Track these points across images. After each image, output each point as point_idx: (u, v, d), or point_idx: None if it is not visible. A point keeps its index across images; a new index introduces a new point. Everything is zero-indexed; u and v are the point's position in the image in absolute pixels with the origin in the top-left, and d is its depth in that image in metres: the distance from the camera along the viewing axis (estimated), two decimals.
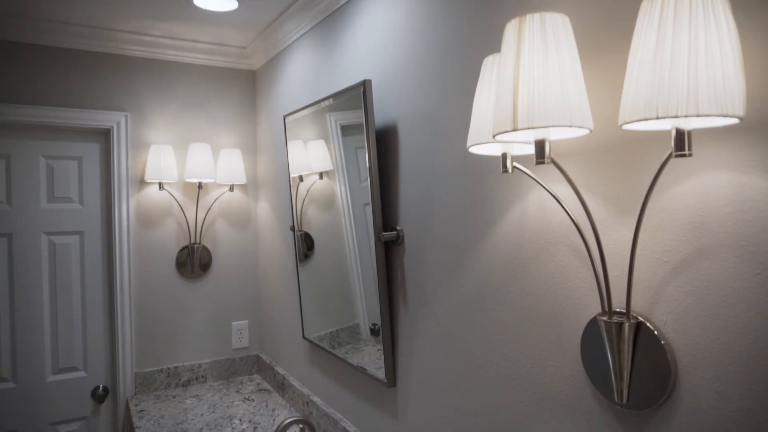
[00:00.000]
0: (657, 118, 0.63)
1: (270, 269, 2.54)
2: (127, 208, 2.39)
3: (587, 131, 0.77)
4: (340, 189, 1.77)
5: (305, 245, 2.07)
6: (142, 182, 2.42)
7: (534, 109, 0.70)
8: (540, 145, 0.77)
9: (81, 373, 2.37)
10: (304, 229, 2.08)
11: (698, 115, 0.60)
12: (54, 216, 2.32)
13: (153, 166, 2.34)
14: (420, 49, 1.39)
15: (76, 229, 2.36)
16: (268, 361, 2.54)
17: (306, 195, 2.05)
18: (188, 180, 2.40)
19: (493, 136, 0.77)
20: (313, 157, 1.93)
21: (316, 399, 2.05)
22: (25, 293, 2.26)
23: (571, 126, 0.70)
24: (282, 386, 2.36)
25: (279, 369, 2.41)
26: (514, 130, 0.71)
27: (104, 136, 2.41)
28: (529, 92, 0.71)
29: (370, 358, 1.64)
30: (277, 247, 2.43)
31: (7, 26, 2.14)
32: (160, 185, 2.42)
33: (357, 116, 1.56)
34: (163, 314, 2.49)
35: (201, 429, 2.04)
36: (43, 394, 2.29)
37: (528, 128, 0.70)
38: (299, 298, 2.12)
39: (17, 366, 2.25)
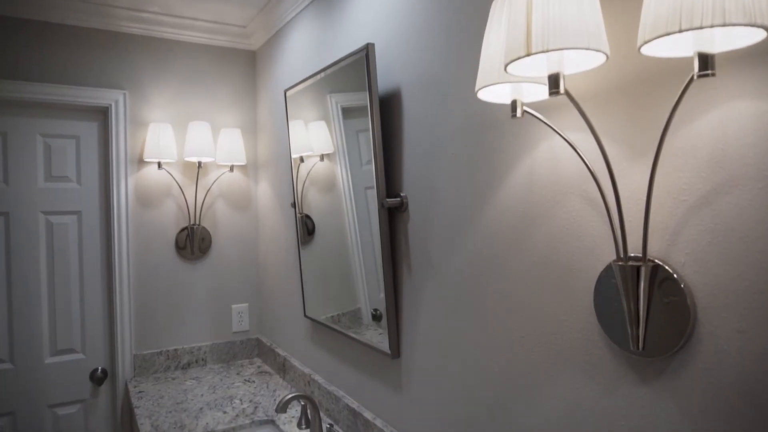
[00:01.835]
0: (680, 31, 0.60)
1: (270, 252, 2.51)
2: (125, 187, 2.35)
3: (603, 58, 0.74)
4: (341, 172, 1.74)
5: (306, 228, 2.04)
6: (141, 161, 2.39)
7: (549, 31, 0.67)
8: (554, 78, 0.74)
9: (79, 355, 2.34)
10: (305, 211, 2.05)
11: (724, 25, 0.57)
12: (51, 195, 2.29)
13: (152, 144, 2.30)
14: (424, 9, 1.35)
15: (73, 209, 2.33)
16: (268, 344, 2.51)
17: (307, 177, 2.02)
18: (188, 159, 2.36)
19: (505, 67, 0.74)
20: (314, 139, 1.90)
21: (317, 378, 2.02)
22: (22, 273, 2.23)
23: (587, 48, 0.66)
24: (283, 368, 2.33)
25: (280, 351, 2.38)
26: (528, 54, 0.68)
27: (102, 114, 2.38)
28: (544, 14, 0.68)
29: (372, 341, 1.60)
30: (278, 229, 2.40)
31: (6, 1, 2.10)
32: (159, 164, 2.39)
33: (358, 98, 1.53)
34: (163, 296, 2.45)
35: (201, 408, 2.01)
36: (41, 376, 2.26)
37: (543, 51, 0.67)
38: (300, 279, 2.09)
39: (14, 347, 2.21)
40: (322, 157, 1.87)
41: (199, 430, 1.82)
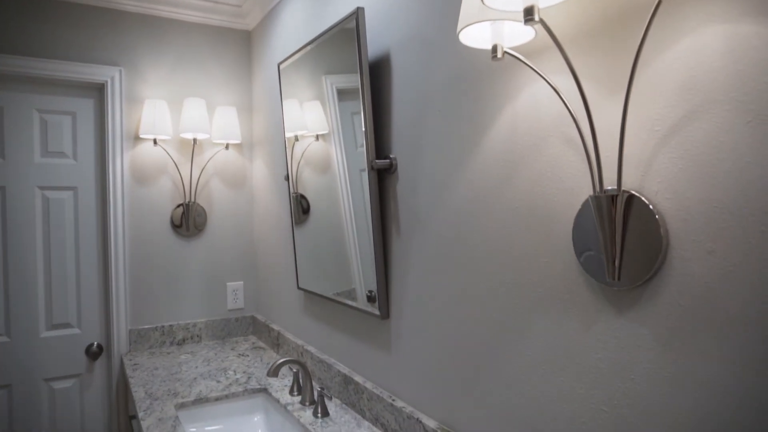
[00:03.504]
0: None
1: (265, 231, 2.53)
2: (121, 164, 2.37)
3: None
4: (336, 153, 1.75)
5: (301, 207, 2.06)
6: (137, 138, 2.41)
7: None
8: (529, 8, 0.76)
9: (75, 330, 2.36)
10: (300, 190, 2.06)
11: None
12: (48, 171, 2.31)
13: (148, 121, 2.32)
14: None
15: (70, 185, 2.35)
16: (263, 320, 2.53)
17: (302, 157, 2.04)
18: (183, 135, 2.38)
19: None
20: (309, 118, 1.91)
21: (310, 348, 2.04)
22: (18, 247, 2.25)
23: None
24: (277, 342, 2.35)
25: (274, 326, 2.40)
26: None
27: (98, 90, 2.40)
28: None
29: (362, 306, 1.62)
30: (273, 208, 2.42)
31: None
32: (155, 141, 2.41)
33: (353, 80, 1.53)
34: (158, 272, 2.47)
35: (195, 378, 2.03)
36: (37, 350, 2.28)
37: None
38: (294, 254, 2.11)
39: (10, 320, 2.23)
40: (317, 137, 1.88)
41: (192, 396, 1.84)
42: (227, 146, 2.57)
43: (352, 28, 1.50)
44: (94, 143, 2.39)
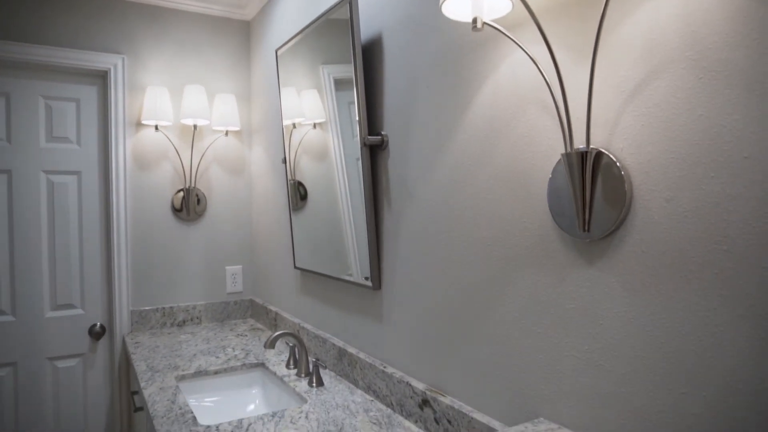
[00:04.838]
0: None
1: (264, 216, 2.59)
2: (123, 149, 2.44)
3: None
4: (333, 142, 1.81)
5: (299, 194, 2.12)
6: (139, 124, 2.48)
7: None
8: None
9: (78, 311, 2.43)
10: (298, 178, 2.12)
11: None
12: (52, 155, 2.37)
13: (149, 107, 2.39)
14: None
15: (74, 169, 2.42)
16: (261, 303, 2.59)
17: (299, 145, 2.09)
18: (184, 121, 2.45)
19: None
20: (306, 106, 1.97)
21: (306, 325, 2.10)
22: (24, 229, 2.31)
23: None
24: (274, 323, 2.41)
25: (271, 307, 2.47)
26: None
27: (101, 78, 2.46)
28: None
29: (355, 279, 1.68)
30: (272, 193, 2.48)
31: None
32: (156, 127, 2.47)
33: (349, 70, 1.58)
34: (159, 255, 2.54)
35: (195, 354, 2.09)
36: (42, 329, 2.34)
37: None
38: (292, 241, 2.17)
39: (16, 300, 2.30)
40: (314, 126, 1.93)
41: (191, 369, 1.90)
42: (227, 133, 2.64)
43: (346, 14, 1.56)
44: (98, 129, 2.46)
